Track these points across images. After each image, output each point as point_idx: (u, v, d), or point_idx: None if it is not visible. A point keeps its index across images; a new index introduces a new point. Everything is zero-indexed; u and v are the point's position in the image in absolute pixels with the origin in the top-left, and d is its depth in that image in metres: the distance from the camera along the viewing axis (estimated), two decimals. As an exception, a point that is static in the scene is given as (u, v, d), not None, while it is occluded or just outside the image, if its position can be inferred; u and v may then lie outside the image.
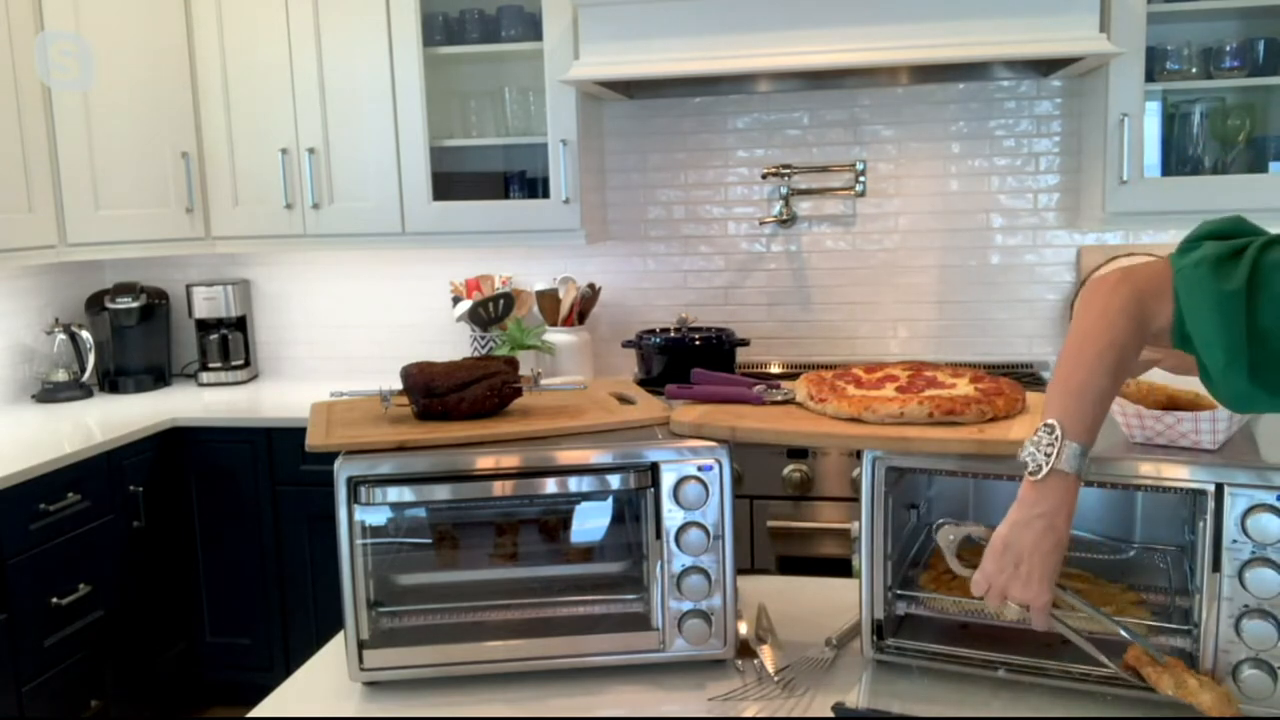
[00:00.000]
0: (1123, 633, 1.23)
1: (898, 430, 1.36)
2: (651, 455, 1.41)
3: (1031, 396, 1.50)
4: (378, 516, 1.44)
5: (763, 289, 3.56)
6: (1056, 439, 1.11)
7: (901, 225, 3.45)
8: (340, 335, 3.85)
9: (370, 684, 1.44)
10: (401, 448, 1.42)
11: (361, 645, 1.41)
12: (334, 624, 3.13)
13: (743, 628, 1.49)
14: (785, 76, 3.19)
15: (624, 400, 1.66)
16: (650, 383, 3.21)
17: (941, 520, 1.31)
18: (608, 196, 3.61)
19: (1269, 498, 1.19)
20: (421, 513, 1.52)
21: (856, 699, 1.32)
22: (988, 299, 3.44)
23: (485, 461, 1.41)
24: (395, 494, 1.40)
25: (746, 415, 1.48)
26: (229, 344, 3.73)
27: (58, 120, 3.19)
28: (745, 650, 1.46)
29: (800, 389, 1.54)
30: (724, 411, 1.50)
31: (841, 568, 2.78)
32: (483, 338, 3.49)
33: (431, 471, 1.40)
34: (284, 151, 3.37)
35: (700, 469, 1.40)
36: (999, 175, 3.38)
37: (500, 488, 1.41)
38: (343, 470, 1.38)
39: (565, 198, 3.24)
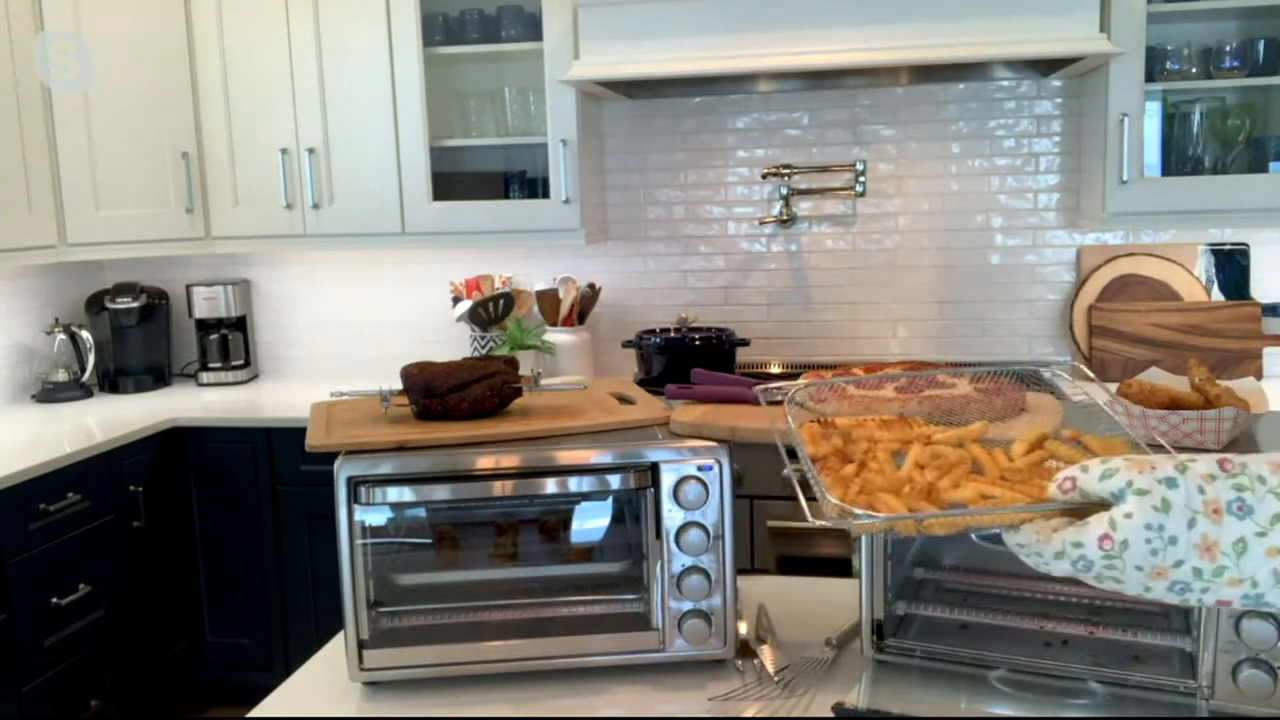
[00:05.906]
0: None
1: (898, 430, 1.35)
2: (651, 455, 1.41)
3: (1031, 397, 1.49)
4: (378, 516, 1.44)
5: (763, 289, 3.56)
6: None
7: (901, 225, 3.45)
8: (340, 335, 3.85)
9: (370, 684, 1.44)
10: (401, 448, 1.42)
11: (361, 645, 1.41)
12: (334, 624, 3.13)
13: (743, 628, 1.49)
14: (785, 76, 3.19)
15: (624, 400, 1.65)
16: (650, 383, 3.21)
17: None
18: (608, 196, 3.61)
19: (1269, 498, 1.19)
20: (421, 513, 1.52)
21: (856, 699, 1.32)
22: (988, 299, 3.43)
23: (485, 461, 1.41)
24: (395, 494, 1.39)
25: (746, 415, 1.48)
26: (229, 344, 3.73)
27: (58, 120, 3.19)
28: (745, 650, 1.46)
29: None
30: (724, 411, 1.50)
31: (841, 568, 2.77)
32: (483, 338, 3.49)
33: (431, 471, 1.40)
34: (284, 152, 3.37)
35: (700, 469, 1.40)
36: (999, 175, 3.38)
37: (500, 488, 1.41)
38: (343, 470, 1.38)
39: (565, 198, 3.23)
